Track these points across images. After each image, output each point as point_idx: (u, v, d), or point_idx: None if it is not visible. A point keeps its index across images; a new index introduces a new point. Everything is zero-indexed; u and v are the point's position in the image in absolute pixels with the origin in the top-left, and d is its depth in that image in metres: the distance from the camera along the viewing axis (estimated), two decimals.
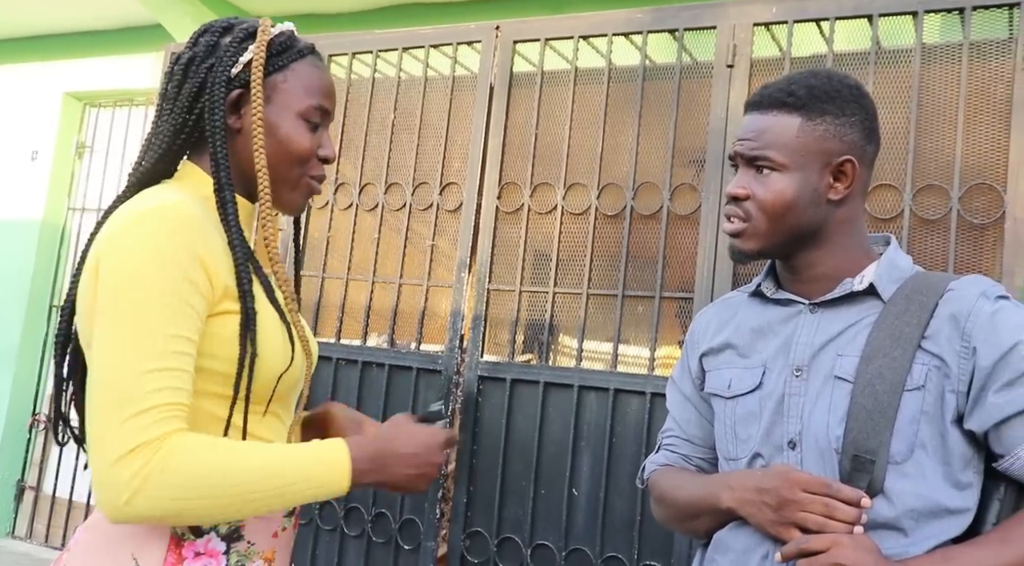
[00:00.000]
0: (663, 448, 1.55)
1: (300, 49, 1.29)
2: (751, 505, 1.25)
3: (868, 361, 1.24)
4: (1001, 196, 2.32)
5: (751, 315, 1.42)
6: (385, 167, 3.23)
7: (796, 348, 1.32)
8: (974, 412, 1.21)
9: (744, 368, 1.39)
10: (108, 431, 1.04)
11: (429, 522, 2.93)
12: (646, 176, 2.79)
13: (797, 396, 1.30)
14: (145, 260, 1.09)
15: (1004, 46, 2.39)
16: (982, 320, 1.22)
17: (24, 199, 5.25)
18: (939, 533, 1.21)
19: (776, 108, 1.32)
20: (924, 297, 1.26)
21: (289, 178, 1.28)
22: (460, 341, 2.97)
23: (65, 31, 5.30)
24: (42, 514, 4.82)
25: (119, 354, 1.06)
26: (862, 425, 1.21)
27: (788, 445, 1.29)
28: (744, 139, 1.34)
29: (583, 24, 2.95)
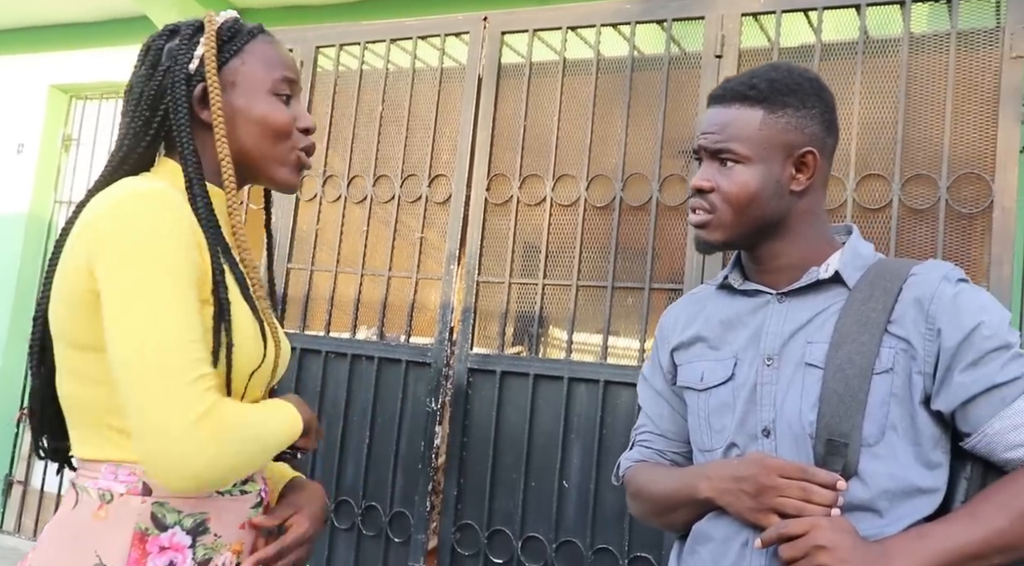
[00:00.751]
0: (637, 444, 1.56)
1: (250, 30, 1.31)
2: (729, 494, 1.27)
3: (837, 347, 1.27)
4: (989, 185, 2.32)
5: (719, 307, 1.45)
6: (373, 159, 3.22)
7: (766, 338, 1.35)
8: (941, 392, 1.24)
9: (715, 360, 1.41)
10: (174, 396, 1.07)
11: (419, 515, 2.93)
12: (635, 167, 2.79)
13: (769, 385, 1.32)
14: (159, 235, 1.11)
15: (991, 35, 2.39)
16: (945, 302, 1.25)
17: (10, 192, 5.22)
18: (912, 513, 1.23)
19: (738, 101, 1.35)
20: (888, 282, 1.29)
21: (277, 155, 1.30)
22: (450, 333, 2.97)
23: (51, 23, 5.27)
24: (30, 509, 4.80)
25: (156, 325, 1.08)
26: (834, 409, 1.24)
27: (762, 433, 1.31)
28: (707, 133, 1.36)
29: (571, 15, 2.94)
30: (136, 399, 1.07)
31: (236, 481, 1.23)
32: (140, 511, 1.15)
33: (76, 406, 1.20)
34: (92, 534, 1.14)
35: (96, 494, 1.16)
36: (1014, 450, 1.21)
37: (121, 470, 1.16)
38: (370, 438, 3.05)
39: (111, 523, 1.14)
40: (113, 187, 1.19)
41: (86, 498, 1.17)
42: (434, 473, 2.95)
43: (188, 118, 1.24)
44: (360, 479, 3.05)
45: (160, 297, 1.09)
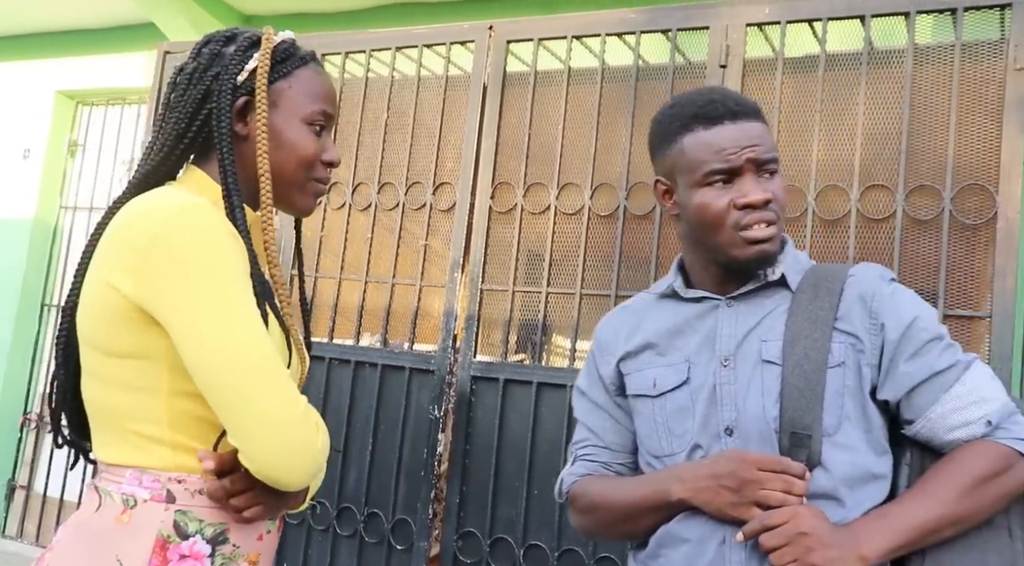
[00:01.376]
0: (580, 459, 1.56)
1: (303, 56, 1.33)
2: (708, 491, 1.30)
3: (792, 344, 1.33)
4: (993, 197, 2.32)
5: (663, 315, 1.49)
6: (378, 167, 3.23)
7: (720, 340, 1.39)
8: (887, 382, 1.33)
9: (666, 365, 1.44)
10: (279, 390, 1.13)
11: (422, 522, 2.93)
12: (639, 176, 2.79)
13: (728, 384, 1.36)
14: (219, 245, 1.14)
15: (996, 47, 2.40)
16: (885, 299, 1.35)
17: (16, 197, 5.24)
18: (869, 498, 1.30)
19: (755, 117, 1.40)
20: (830, 283, 1.37)
21: (296, 181, 1.31)
22: (453, 341, 2.97)
23: (57, 29, 5.29)
24: (33, 513, 4.80)
25: (246, 328, 1.13)
26: (796, 403, 1.30)
27: (725, 432, 1.35)
28: (754, 145, 1.37)
29: (576, 24, 2.95)
30: (246, 398, 1.11)
31: None
32: (163, 518, 1.16)
33: (101, 410, 1.21)
34: (114, 538, 1.15)
35: (120, 499, 1.17)
36: (954, 431, 1.30)
37: (146, 476, 1.18)
38: (373, 445, 3.06)
39: (133, 529, 1.15)
40: (148, 197, 1.20)
41: (109, 502, 1.18)
42: (437, 480, 2.95)
43: (230, 128, 1.26)
44: (363, 486, 3.05)
45: (241, 303, 1.14)
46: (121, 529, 1.15)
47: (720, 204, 1.35)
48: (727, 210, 1.35)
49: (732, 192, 1.36)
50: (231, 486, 1.17)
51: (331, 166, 1.35)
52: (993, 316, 2.27)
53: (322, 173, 1.34)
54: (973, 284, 2.37)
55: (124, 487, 1.17)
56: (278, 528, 1.30)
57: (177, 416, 1.17)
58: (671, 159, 1.43)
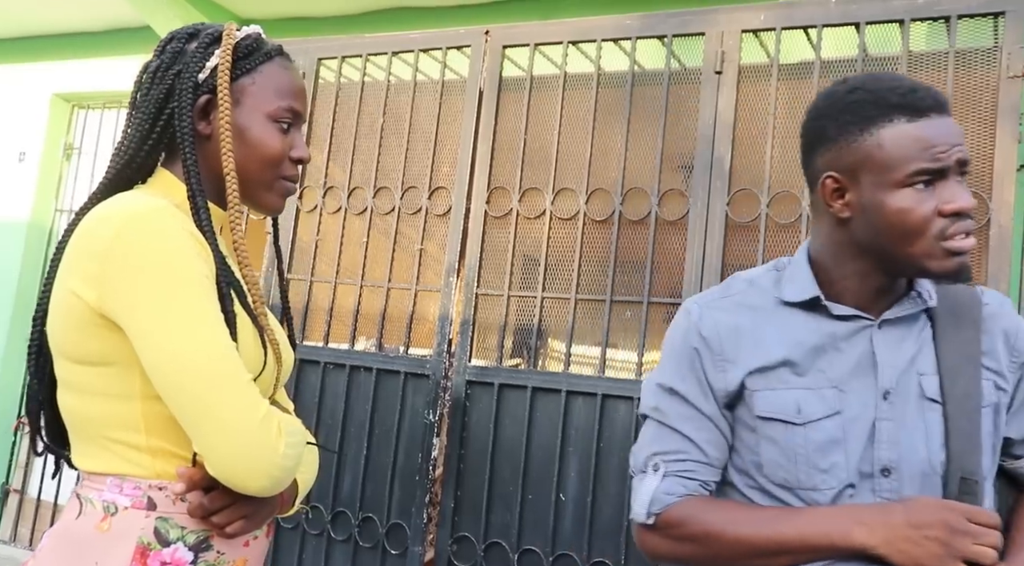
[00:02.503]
0: (673, 475, 1.32)
1: (267, 51, 1.30)
2: (907, 541, 1.14)
3: (952, 380, 1.22)
4: (987, 203, 2.33)
5: (801, 328, 1.29)
6: (374, 171, 3.23)
7: (883, 369, 1.25)
8: (1012, 420, 1.28)
9: (807, 389, 1.26)
10: (239, 397, 1.11)
11: (416, 527, 2.92)
12: (634, 181, 2.80)
13: (887, 420, 1.23)
14: (177, 250, 1.12)
15: (989, 55, 2.41)
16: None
17: (11, 200, 5.23)
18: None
19: (949, 112, 1.22)
20: (968, 311, 1.26)
21: (263, 180, 1.29)
22: (448, 345, 2.97)
23: (54, 32, 5.28)
24: (26, 517, 4.79)
25: (206, 333, 1.11)
26: (963, 446, 1.20)
27: (881, 472, 1.22)
28: (960, 145, 1.19)
29: (572, 29, 2.96)
30: (204, 404, 1.09)
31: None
32: (144, 525, 1.15)
33: (78, 419, 1.20)
34: (94, 545, 1.14)
35: (100, 506, 1.16)
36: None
37: (126, 484, 1.16)
38: (368, 449, 3.05)
39: (114, 536, 1.14)
40: (110, 202, 1.18)
41: (90, 509, 1.17)
42: (431, 485, 2.95)
43: (192, 126, 1.23)
44: (357, 490, 3.05)
45: (200, 307, 1.12)
46: (101, 536, 1.14)
47: (925, 209, 1.17)
48: (932, 217, 1.18)
49: (935, 196, 1.18)
50: (210, 503, 1.15)
51: (300, 163, 1.32)
52: None
53: (290, 171, 1.31)
54: None
55: (105, 494, 1.16)
56: (267, 533, 1.29)
57: (154, 421, 1.15)
58: (859, 153, 1.22)
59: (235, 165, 1.24)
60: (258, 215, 3.35)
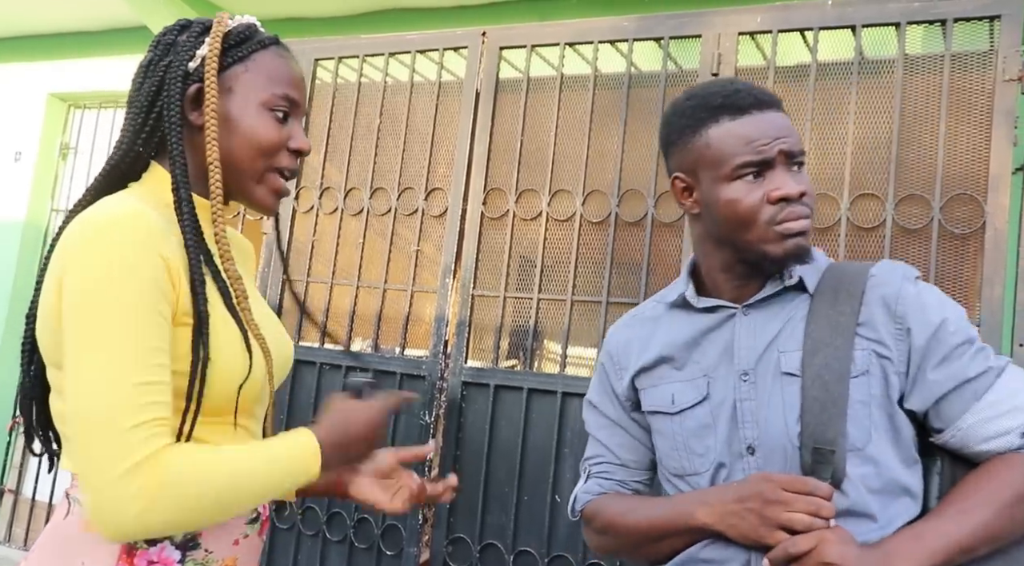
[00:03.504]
0: (594, 476, 1.50)
1: (261, 39, 1.26)
2: (733, 515, 1.23)
3: (812, 353, 1.26)
4: (982, 206, 2.34)
5: (677, 326, 1.40)
6: (371, 172, 3.23)
7: (739, 352, 1.33)
8: (914, 391, 1.25)
9: (684, 380, 1.37)
10: (105, 446, 1.03)
11: (411, 528, 2.92)
12: (631, 183, 2.80)
13: (749, 400, 1.30)
14: (113, 271, 1.06)
15: (985, 58, 2.42)
16: (911, 301, 1.26)
17: (7, 200, 5.22)
18: (902, 513, 1.24)
19: (780, 108, 1.33)
20: (850, 286, 1.29)
21: (253, 171, 1.23)
22: (444, 346, 2.97)
23: (50, 32, 5.28)
24: (21, 518, 4.78)
25: (103, 368, 1.04)
26: (817, 417, 1.22)
27: (747, 450, 1.29)
28: (785, 136, 1.29)
29: (569, 31, 2.96)
30: (79, 439, 1.04)
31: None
32: None
33: (63, 421, 1.19)
34: (80, 545, 1.13)
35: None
36: (988, 442, 1.23)
37: None
38: None
39: (99, 535, 1.11)
40: (95, 206, 1.15)
41: (77, 509, 1.16)
42: None
43: (179, 117, 1.20)
44: None
45: (109, 342, 1.05)
46: (87, 536, 1.13)
47: (753, 198, 1.27)
48: (760, 205, 1.27)
49: (764, 186, 1.27)
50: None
51: (299, 154, 1.26)
52: (982, 325, 2.28)
53: (287, 162, 1.25)
54: (962, 293, 2.38)
55: None
56: (258, 532, 1.27)
57: None
58: (693, 153, 1.33)
59: (224, 155, 1.21)
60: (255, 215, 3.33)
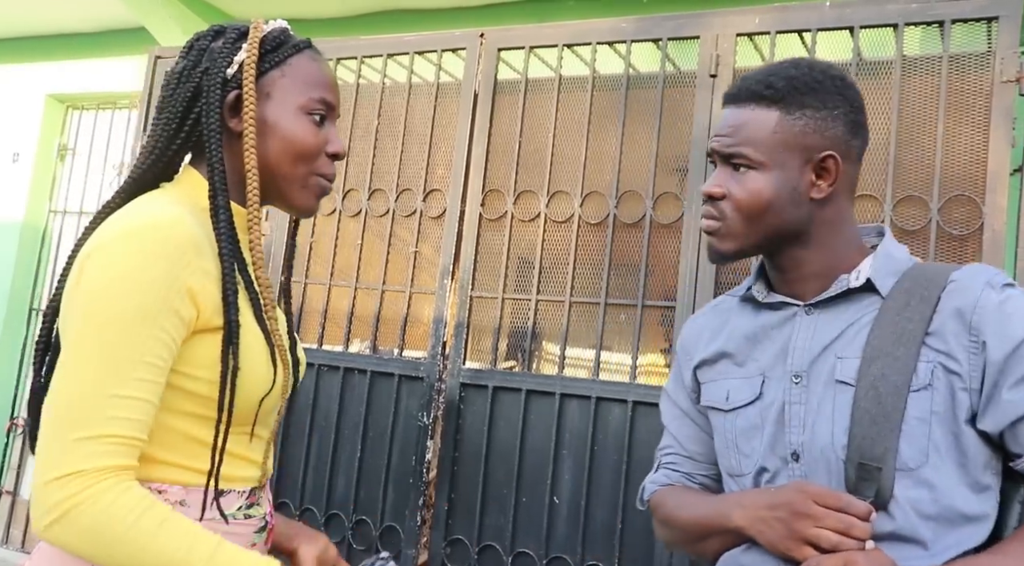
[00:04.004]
0: (662, 467, 1.47)
1: (296, 43, 1.26)
2: (762, 522, 1.17)
3: (870, 362, 1.17)
4: (980, 208, 2.34)
5: (744, 321, 1.35)
6: (369, 173, 3.23)
7: (793, 353, 1.26)
8: (988, 411, 1.14)
9: (742, 378, 1.31)
10: (55, 448, 1.02)
11: (410, 529, 2.92)
12: (629, 184, 2.80)
13: (798, 404, 1.23)
14: (124, 280, 1.06)
15: (983, 59, 2.42)
16: (989, 311, 1.14)
17: (5, 201, 5.22)
18: (960, 542, 1.14)
19: (754, 101, 1.25)
20: (925, 290, 1.18)
21: (296, 176, 1.23)
22: (442, 348, 2.97)
23: (48, 33, 5.27)
24: (19, 519, 4.77)
25: (85, 372, 1.04)
26: (866, 431, 1.14)
27: (791, 456, 1.23)
28: (720, 135, 1.27)
29: (567, 32, 2.96)
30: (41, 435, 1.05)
31: (241, 504, 1.20)
32: None
33: None
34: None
35: None
36: None
37: None
38: (361, 452, 3.05)
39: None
40: (128, 208, 1.15)
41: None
42: (425, 488, 2.95)
43: (219, 124, 1.20)
44: (351, 493, 3.05)
45: (97, 347, 1.04)
46: None
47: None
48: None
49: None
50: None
51: (336, 158, 1.26)
52: None
53: (326, 168, 1.25)
54: None
55: None
56: (265, 541, 1.27)
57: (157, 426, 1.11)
58: None
59: (265, 162, 1.21)
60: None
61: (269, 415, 1.25)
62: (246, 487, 1.23)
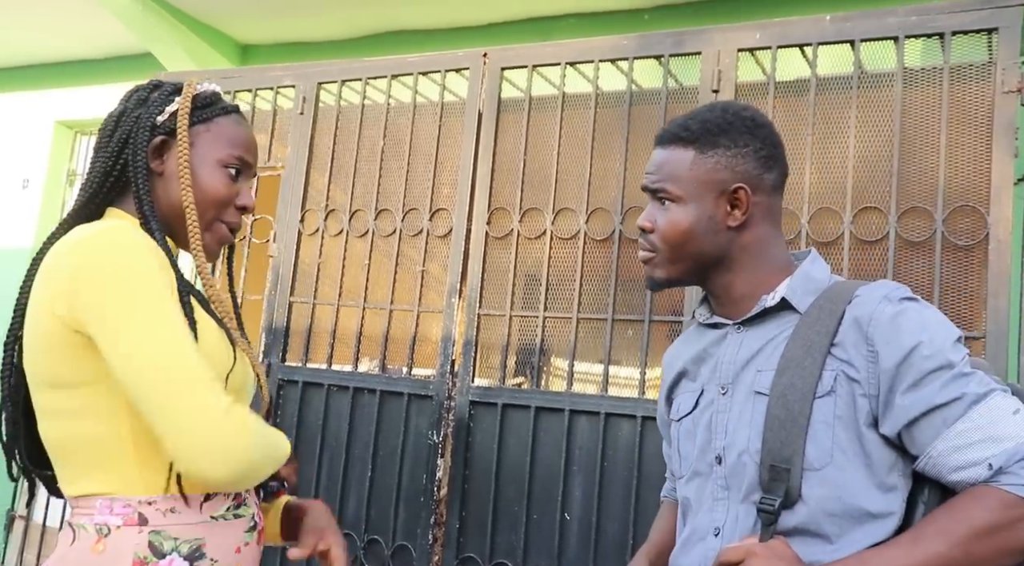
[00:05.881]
0: (668, 478, 1.65)
1: (224, 106, 1.40)
2: None
3: (781, 373, 1.28)
4: (984, 218, 2.34)
5: (696, 342, 1.48)
6: (375, 193, 3.25)
7: (721, 367, 1.38)
8: (885, 416, 1.23)
9: (689, 392, 1.45)
10: (198, 395, 1.14)
11: (422, 548, 2.92)
12: (634, 200, 2.81)
13: (722, 413, 1.35)
14: (139, 259, 1.19)
15: (984, 70, 2.43)
16: (883, 323, 1.24)
17: (15, 227, 5.26)
18: (864, 538, 1.22)
19: (673, 143, 1.39)
20: (833, 304, 1.29)
21: (204, 220, 1.34)
22: (451, 366, 2.98)
23: (57, 60, 5.33)
24: (32, 543, 4.77)
25: (167, 334, 1.16)
26: (776, 435, 1.25)
27: (716, 460, 1.34)
28: (648, 173, 1.41)
29: (570, 51, 2.98)
30: (166, 401, 1.13)
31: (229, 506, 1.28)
32: (137, 541, 1.18)
33: (62, 447, 1.24)
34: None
35: (93, 529, 1.19)
36: (957, 472, 1.20)
37: (116, 503, 1.20)
38: (372, 471, 3.06)
39: (110, 556, 1.17)
40: (76, 230, 1.26)
41: (83, 534, 1.20)
42: (436, 506, 2.95)
43: (145, 163, 1.31)
44: (362, 512, 3.05)
45: (162, 312, 1.17)
46: (97, 557, 1.17)
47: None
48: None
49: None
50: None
51: (244, 211, 1.38)
52: (987, 336, 2.28)
53: (233, 217, 1.38)
54: (967, 305, 2.38)
55: (96, 517, 1.20)
56: (257, 541, 1.33)
57: (142, 435, 1.19)
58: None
59: (176, 203, 1.33)
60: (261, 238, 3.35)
61: (239, 397, 1.31)
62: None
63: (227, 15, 4.39)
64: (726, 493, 1.32)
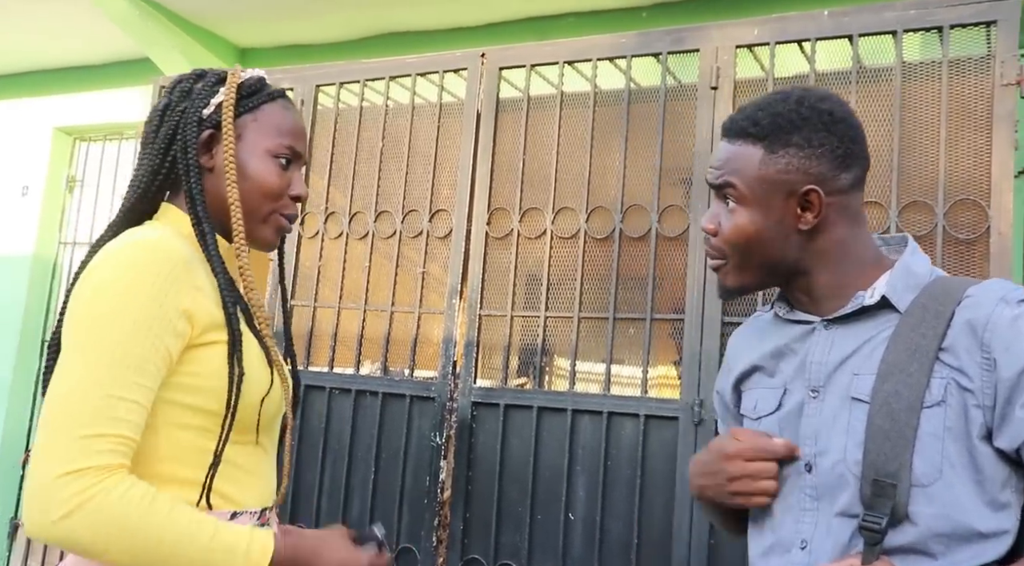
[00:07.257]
0: None
1: (270, 92, 1.36)
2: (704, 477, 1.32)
3: (884, 379, 1.17)
4: (985, 211, 2.34)
5: (774, 335, 1.37)
6: (375, 195, 3.24)
7: (811, 367, 1.27)
8: (1002, 428, 1.13)
9: (768, 388, 1.34)
10: (60, 444, 1.07)
11: (426, 550, 2.91)
12: (634, 198, 2.81)
13: (812, 417, 1.25)
14: (119, 290, 1.14)
15: (983, 63, 2.42)
16: (1002, 328, 1.13)
17: (15, 234, 5.25)
18: (972, 558, 1.13)
19: (741, 137, 1.28)
20: (940, 305, 1.18)
21: (259, 213, 1.32)
22: (453, 367, 2.97)
23: (55, 66, 5.32)
24: (36, 552, 4.77)
25: (86, 373, 1.10)
26: (879, 447, 1.14)
27: (805, 467, 1.24)
28: (712, 167, 1.31)
29: (568, 50, 2.98)
30: (40, 435, 1.09)
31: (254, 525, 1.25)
32: None
33: None
34: None
35: None
36: None
37: None
38: (375, 473, 3.05)
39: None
40: (120, 237, 1.23)
41: None
42: (440, 508, 2.94)
43: (196, 159, 1.29)
44: (366, 515, 3.04)
45: (95, 349, 1.11)
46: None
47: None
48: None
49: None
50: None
51: (298, 200, 1.36)
52: None
53: (288, 208, 1.35)
54: None
55: None
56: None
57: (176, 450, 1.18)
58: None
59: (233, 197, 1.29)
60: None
61: (272, 421, 1.31)
62: (257, 508, 1.28)
63: (224, 19, 4.38)
64: (815, 504, 1.22)
